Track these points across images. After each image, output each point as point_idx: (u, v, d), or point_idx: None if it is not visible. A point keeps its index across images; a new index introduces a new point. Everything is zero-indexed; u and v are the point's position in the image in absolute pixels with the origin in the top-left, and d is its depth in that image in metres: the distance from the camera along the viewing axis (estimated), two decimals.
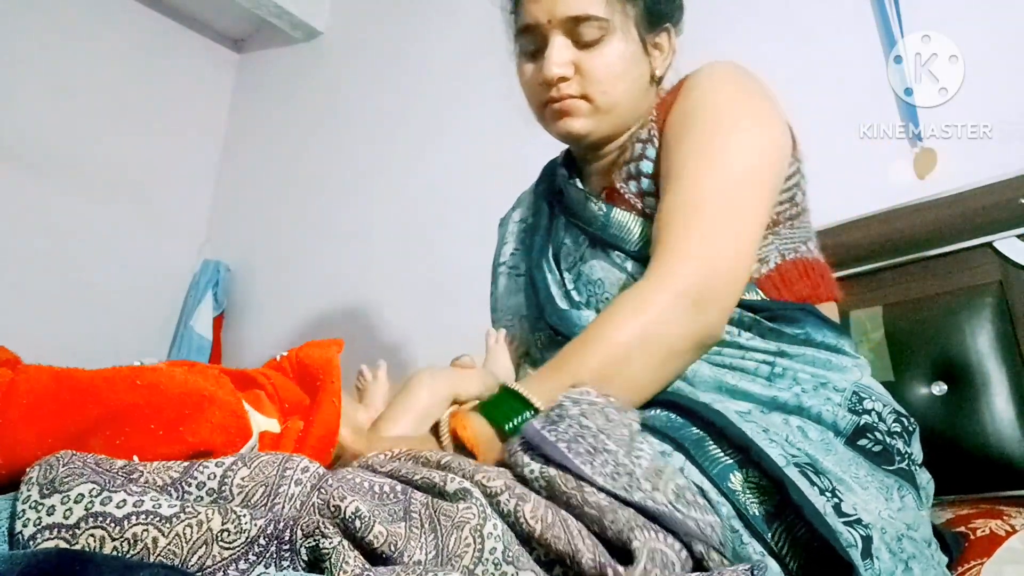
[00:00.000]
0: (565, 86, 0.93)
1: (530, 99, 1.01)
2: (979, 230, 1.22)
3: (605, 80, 0.92)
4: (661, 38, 0.98)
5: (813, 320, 0.86)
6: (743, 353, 0.82)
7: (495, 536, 0.52)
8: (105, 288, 2.47)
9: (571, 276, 0.95)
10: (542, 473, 0.60)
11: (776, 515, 0.66)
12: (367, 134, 2.48)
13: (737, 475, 0.68)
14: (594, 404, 0.67)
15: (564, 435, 0.62)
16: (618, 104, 0.94)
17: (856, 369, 0.85)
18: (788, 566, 0.65)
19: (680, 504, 0.61)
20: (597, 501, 0.57)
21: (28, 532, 0.42)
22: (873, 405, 0.81)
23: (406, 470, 0.58)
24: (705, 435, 0.72)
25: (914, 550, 0.70)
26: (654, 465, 0.63)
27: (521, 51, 0.99)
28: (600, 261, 0.92)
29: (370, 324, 2.23)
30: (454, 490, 0.55)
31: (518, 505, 0.55)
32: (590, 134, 0.96)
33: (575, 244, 0.97)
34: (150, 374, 0.57)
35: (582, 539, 0.54)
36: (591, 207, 0.95)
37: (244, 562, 0.45)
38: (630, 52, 0.93)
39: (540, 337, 0.98)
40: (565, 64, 0.92)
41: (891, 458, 0.78)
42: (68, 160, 2.47)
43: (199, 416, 0.57)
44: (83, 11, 2.56)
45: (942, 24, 1.45)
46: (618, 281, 0.89)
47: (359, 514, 0.47)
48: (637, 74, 0.95)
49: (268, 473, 0.51)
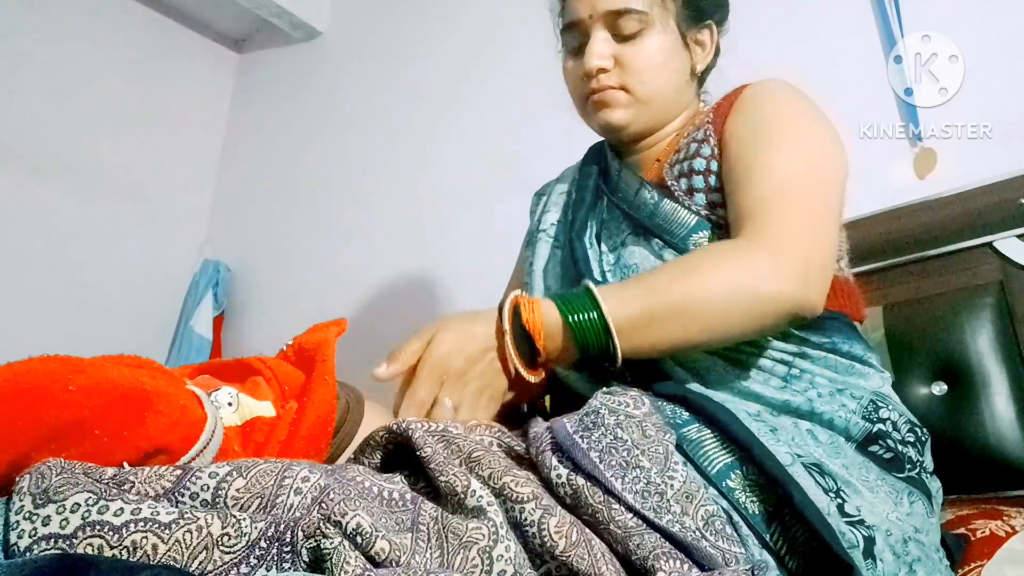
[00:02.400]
0: (605, 78, 0.95)
1: (572, 93, 1.02)
2: (979, 230, 1.22)
3: (644, 71, 0.94)
4: (703, 35, 1.00)
5: (843, 329, 0.86)
6: (761, 351, 0.82)
7: (506, 559, 0.50)
8: (105, 288, 2.47)
9: (611, 257, 0.96)
10: (569, 480, 0.59)
11: (775, 514, 0.66)
12: (367, 134, 2.48)
13: (737, 473, 0.68)
14: (631, 416, 0.65)
15: (597, 444, 0.60)
16: (657, 96, 0.96)
17: (877, 379, 0.85)
18: (787, 565, 0.64)
19: (708, 532, 0.60)
20: (624, 521, 0.56)
21: (24, 543, 0.42)
22: (889, 415, 0.81)
23: (436, 464, 0.56)
24: (709, 433, 0.71)
25: (920, 553, 0.70)
26: (686, 488, 0.62)
27: (566, 48, 1.01)
28: (640, 248, 0.92)
29: (370, 324, 2.22)
30: (472, 506, 0.53)
31: (544, 517, 0.54)
32: (629, 125, 0.97)
33: (617, 228, 0.98)
34: (84, 377, 0.52)
35: (605, 563, 0.53)
36: (643, 194, 0.95)
37: (245, 565, 0.45)
38: (669, 45, 0.95)
39: None
40: (605, 56, 0.94)
41: (902, 465, 0.78)
42: (68, 160, 2.47)
43: (142, 416, 0.53)
44: (83, 11, 2.56)
45: (942, 24, 1.45)
46: (652, 268, 0.89)
47: (360, 530, 0.47)
48: (677, 67, 0.97)
49: (265, 483, 0.50)
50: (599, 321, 0.73)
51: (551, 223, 1.09)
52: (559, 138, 1.06)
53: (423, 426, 0.61)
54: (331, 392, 0.67)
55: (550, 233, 1.08)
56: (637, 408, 0.67)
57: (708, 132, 0.94)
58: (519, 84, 2.05)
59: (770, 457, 0.66)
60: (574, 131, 1.08)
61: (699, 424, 0.72)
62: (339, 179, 2.51)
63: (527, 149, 1.95)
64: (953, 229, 1.24)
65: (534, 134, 1.95)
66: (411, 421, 0.61)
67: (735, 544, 0.62)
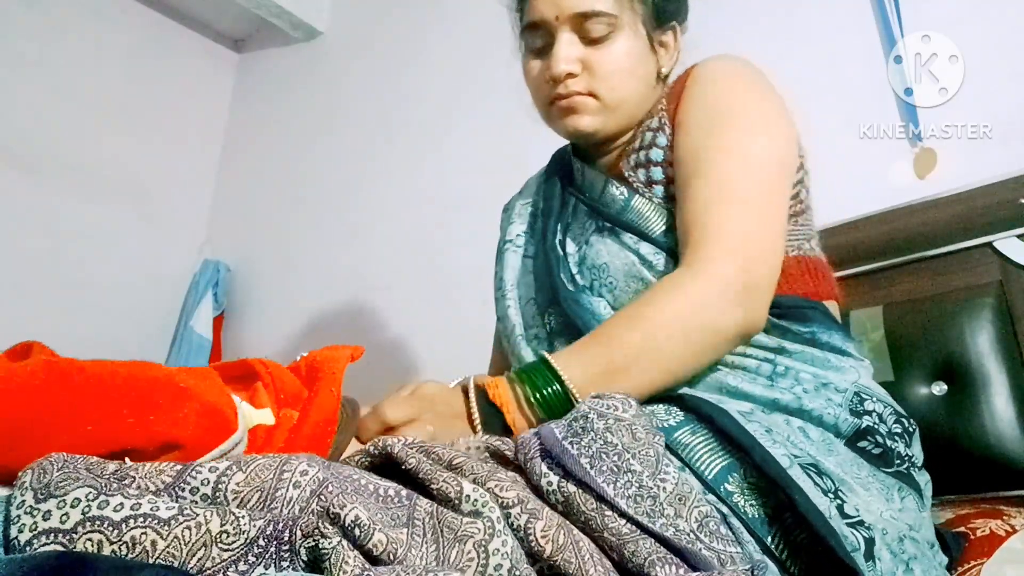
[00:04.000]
0: (572, 83, 0.92)
1: (535, 96, 1.00)
2: (979, 230, 1.22)
3: (613, 76, 0.92)
4: (667, 36, 0.98)
5: (822, 319, 0.85)
6: (744, 349, 0.82)
7: (502, 553, 0.50)
8: (105, 288, 2.47)
9: (576, 259, 0.95)
10: (560, 487, 0.58)
11: (775, 518, 0.65)
12: (367, 134, 2.48)
13: (735, 476, 0.67)
14: (621, 420, 0.64)
15: (587, 449, 0.60)
16: (625, 101, 0.94)
17: (856, 370, 0.85)
18: (788, 569, 0.64)
19: (703, 533, 0.59)
20: (618, 528, 0.55)
21: (24, 538, 0.42)
22: (874, 407, 0.81)
23: (424, 472, 0.56)
24: (703, 435, 0.71)
25: (915, 551, 0.70)
26: (679, 490, 0.62)
27: (527, 48, 0.99)
28: (607, 245, 0.91)
29: (370, 324, 2.23)
30: (467, 511, 0.53)
31: (529, 521, 0.53)
32: (597, 132, 0.95)
33: (582, 228, 0.97)
34: (133, 367, 0.56)
35: (594, 565, 0.52)
36: (611, 191, 0.94)
37: (244, 563, 0.45)
38: (637, 49, 0.93)
39: (550, 322, 0.96)
40: (573, 60, 0.91)
41: (890, 461, 0.78)
42: (68, 160, 2.47)
43: (172, 408, 0.55)
44: (83, 11, 2.56)
45: (942, 24, 1.45)
46: (624, 265, 0.88)
47: (359, 522, 0.47)
48: (644, 72, 0.95)
49: (264, 477, 0.50)
50: (563, 393, 0.74)
51: (517, 234, 1.08)
52: (560, 138, 1.06)
53: (401, 441, 0.60)
54: (334, 403, 0.68)
55: (517, 243, 1.07)
56: (626, 411, 0.66)
57: (663, 120, 0.93)
58: (519, 84, 2.05)
59: (771, 460, 0.66)
60: None
61: (693, 425, 0.72)
62: (339, 179, 2.51)
63: (527, 149, 1.95)
64: (953, 229, 1.24)
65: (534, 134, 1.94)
66: (386, 439, 0.60)
67: (730, 544, 0.61)
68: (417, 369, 2.07)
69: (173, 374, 0.58)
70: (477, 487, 0.54)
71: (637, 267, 0.88)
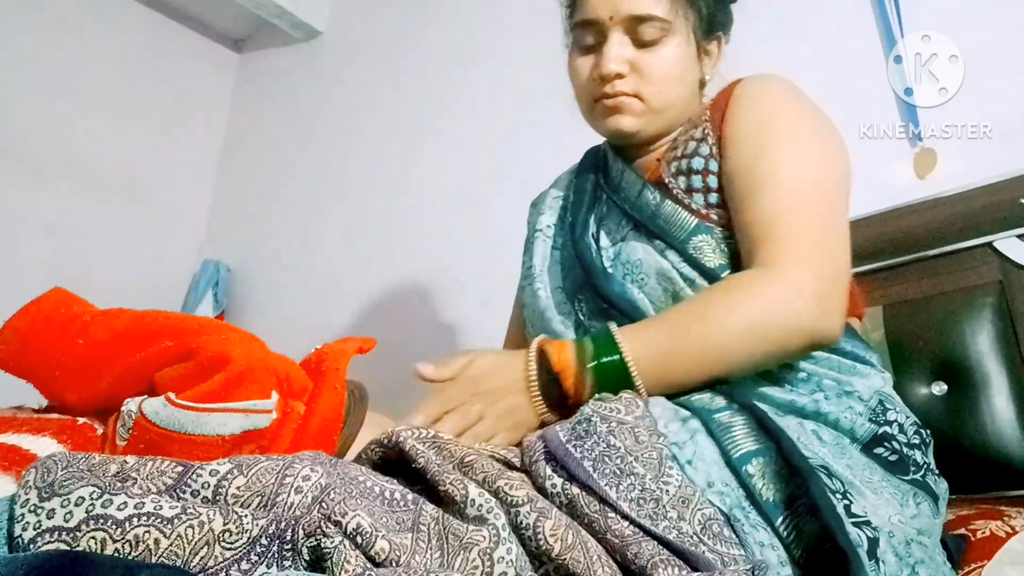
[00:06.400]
0: (620, 83, 0.94)
1: (580, 93, 1.01)
2: (979, 230, 1.22)
3: (661, 81, 0.94)
4: (712, 45, 1.00)
5: (847, 330, 0.86)
6: None
7: (507, 561, 0.50)
8: (105, 288, 2.46)
9: (611, 253, 0.96)
10: (564, 490, 0.59)
11: (788, 504, 0.67)
12: (367, 134, 2.48)
13: (759, 460, 0.68)
14: (623, 423, 0.65)
15: (590, 453, 0.60)
16: (669, 106, 0.96)
17: (879, 379, 0.85)
18: (793, 554, 0.65)
19: (706, 536, 0.60)
20: (621, 530, 0.56)
21: (28, 536, 0.42)
22: (896, 416, 0.81)
23: (432, 473, 0.56)
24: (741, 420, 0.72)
25: (923, 555, 0.70)
26: (682, 492, 0.62)
27: (575, 44, 1.00)
28: (642, 244, 0.92)
29: (370, 324, 2.23)
30: (472, 516, 0.53)
31: (539, 520, 0.54)
32: (638, 133, 0.97)
33: (617, 225, 0.98)
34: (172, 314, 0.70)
35: (601, 565, 0.53)
36: (646, 195, 0.95)
37: (246, 562, 0.45)
38: (686, 56, 0.95)
39: (581, 308, 0.97)
40: (623, 61, 0.93)
41: (907, 468, 0.78)
42: (68, 160, 2.47)
43: (216, 331, 0.66)
44: (83, 11, 2.56)
45: (942, 24, 1.45)
46: (656, 265, 0.89)
47: (360, 530, 0.47)
48: (690, 79, 0.97)
49: (266, 481, 0.50)
50: (621, 364, 0.75)
51: (547, 224, 1.09)
52: (559, 139, 1.06)
53: (413, 434, 0.61)
54: (339, 401, 0.68)
55: (547, 234, 1.08)
56: (629, 413, 0.67)
57: (706, 131, 0.94)
58: (519, 84, 2.05)
59: (797, 451, 0.67)
60: (573, 132, 1.08)
61: (732, 411, 0.73)
62: (339, 179, 2.51)
63: (527, 150, 1.95)
64: (953, 229, 1.24)
65: (534, 135, 1.95)
66: (400, 431, 0.61)
67: (734, 547, 0.62)
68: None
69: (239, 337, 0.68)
70: (483, 492, 0.55)
71: (666, 270, 0.89)
